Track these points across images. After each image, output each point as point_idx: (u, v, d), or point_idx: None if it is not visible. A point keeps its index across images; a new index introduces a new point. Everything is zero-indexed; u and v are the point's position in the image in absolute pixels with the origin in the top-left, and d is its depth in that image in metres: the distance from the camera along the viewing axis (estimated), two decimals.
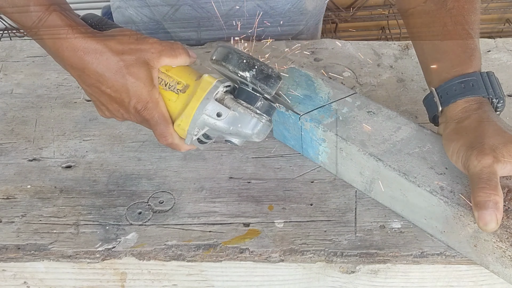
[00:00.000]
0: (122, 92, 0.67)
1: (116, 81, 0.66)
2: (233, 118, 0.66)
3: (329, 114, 0.73)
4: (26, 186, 0.75)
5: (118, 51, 0.66)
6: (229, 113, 0.66)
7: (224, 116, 0.67)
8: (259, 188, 0.74)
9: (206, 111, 0.67)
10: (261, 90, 0.65)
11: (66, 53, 0.66)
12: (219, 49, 0.66)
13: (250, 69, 0.64)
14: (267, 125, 0.68)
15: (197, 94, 0.67)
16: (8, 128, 0.84)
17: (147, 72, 0.67)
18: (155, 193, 0.74)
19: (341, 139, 0.70)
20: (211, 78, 0.68)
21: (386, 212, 0.71)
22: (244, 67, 0.64)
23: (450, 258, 0.66)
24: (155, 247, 0.68)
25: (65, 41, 0.65)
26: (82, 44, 0.65)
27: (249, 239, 0.68)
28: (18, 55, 0.96)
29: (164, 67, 0.69)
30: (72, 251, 0.68)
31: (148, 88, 0.67)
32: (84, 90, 0.70)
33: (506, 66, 0.89)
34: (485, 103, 0.68)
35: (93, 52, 0.65)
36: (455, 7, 0.74)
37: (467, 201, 0.62)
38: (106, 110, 0.71)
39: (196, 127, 0.68)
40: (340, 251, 0.66)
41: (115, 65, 0.66)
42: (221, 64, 0.65)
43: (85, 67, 0.66)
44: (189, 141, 0.69)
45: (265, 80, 0.64)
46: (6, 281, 0.70)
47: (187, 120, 0.68)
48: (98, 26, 0.71)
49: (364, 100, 0.76)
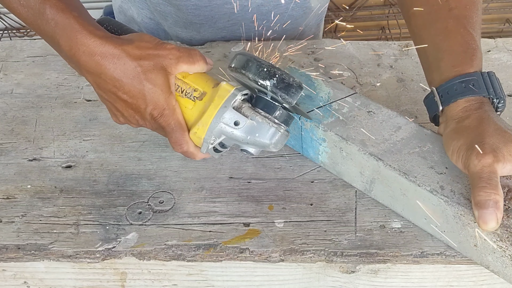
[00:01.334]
0: (139, 98, 0.66)
1: (133, 86, 0.65)
2: (251, 127, 0.65)
3: (329, 114, 0.73)
4: (26, 186, 0.75)
5: (136, 56, 0.65)
6: (247, 122, 0.65)
7: (242, 125, 0.65)
8: (259, 188, 0.74)
9: (224, 119, 0.65)
10: (282, 99, 0.64)
11: (82, 58, 0.65)
12: (238, 57, 0.65)
13: (271, 78, 0.63)
14: (285, 135, 0.67)
15: (215, 102, 0.66)
16: (8, 128, 0.84)
17: (164, 79, 0.66)
18: (155, 193, 0.74)
19: (341, 139, 0.70)
20: (229, 86, 0.66)
21: (386, 212, 0.71)
22: (265, 76, 0.63)
23: (450, 258, 0.66)
24: (155, 247, 0.68)
25: (82, 45, 0.64)
26: (100, 49, 0.64)
27: (249, 239, 0.68)
28: (18, 55, 0.96)
29: (180, 74, 0.68)
30: (72, 251, 0.68)
31: (165, 94, 0.66)
32: (99, 95, 0.69)
33: (506, 66, 0.89)
34: (486, 103, 0.68)
35: (110, 57, 0.64)
36: (457, 7, 0.74)
37: (467, 201, 0.62)
38: (121, 116, 0.70)
39: (212, 136, 0.67)
40: (340, 251, 0.67)
41: (132, 71, 0.65)
42: (240, 72, 0.64)
43: (101, 72, 0.65)
44: (205, 149, 0.68)
45: (286, 89, 0.63)
46: (6, 281, 0.70)
47: (204, 128, 0.67)
48: (115, 30, 0.70)
49: (364, 100, 0.76)
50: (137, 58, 0.65)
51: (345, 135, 0.70)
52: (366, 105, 0.75)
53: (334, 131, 0.71)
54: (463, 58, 0.71)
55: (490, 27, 2.17)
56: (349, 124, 0.72)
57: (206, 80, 0.69)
